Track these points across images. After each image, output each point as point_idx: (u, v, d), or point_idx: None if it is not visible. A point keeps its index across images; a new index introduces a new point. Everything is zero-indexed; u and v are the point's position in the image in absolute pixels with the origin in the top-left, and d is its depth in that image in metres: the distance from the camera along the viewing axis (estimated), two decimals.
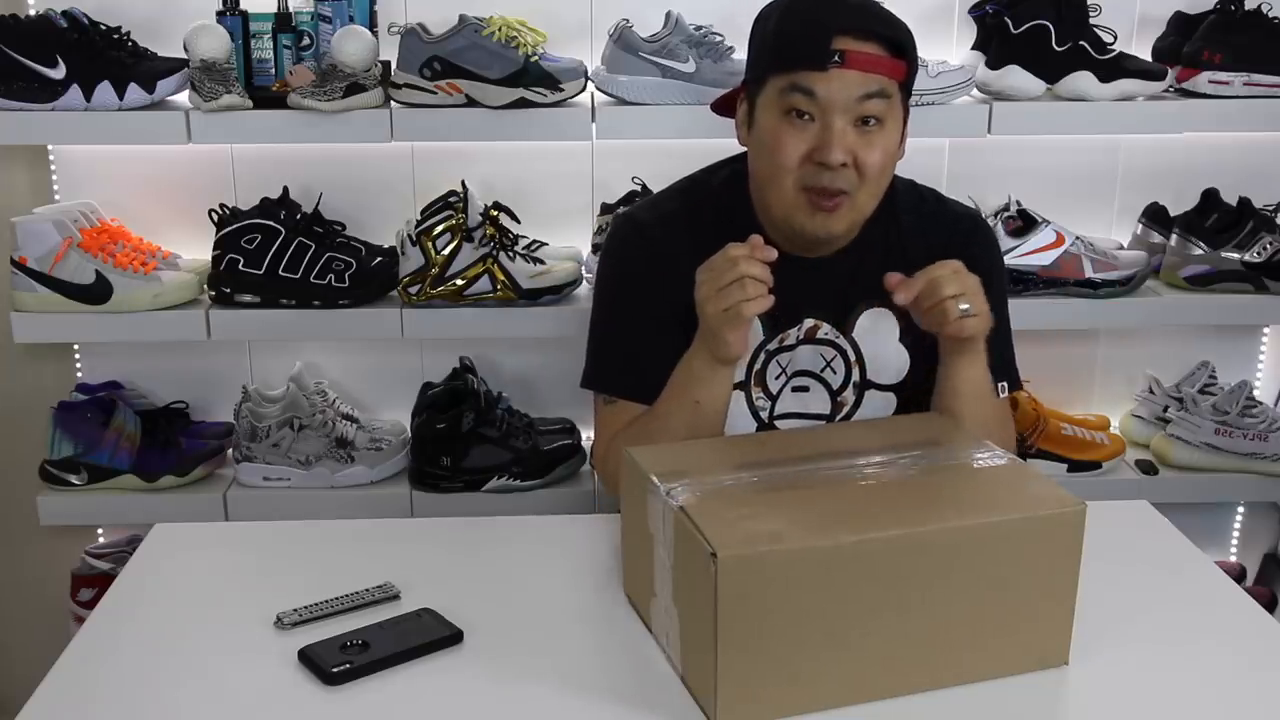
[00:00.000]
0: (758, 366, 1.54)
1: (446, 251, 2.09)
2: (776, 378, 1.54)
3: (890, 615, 1.11)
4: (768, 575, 1.07)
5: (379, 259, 2.17)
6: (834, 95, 1.38)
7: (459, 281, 2.10)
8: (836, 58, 1.37)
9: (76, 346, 2.33)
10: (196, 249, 2.23)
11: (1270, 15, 2.17)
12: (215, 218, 2.12)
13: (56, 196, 2.25)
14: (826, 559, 1.08)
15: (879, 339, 1.55)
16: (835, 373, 1.55)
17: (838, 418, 1.56)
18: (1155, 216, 2.30)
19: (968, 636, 1.14)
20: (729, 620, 1.06)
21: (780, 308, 1.42)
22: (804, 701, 1.11)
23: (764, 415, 1.56)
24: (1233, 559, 2.54)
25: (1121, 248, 2.30)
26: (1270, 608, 2.30)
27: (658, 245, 1.54)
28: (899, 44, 1.41)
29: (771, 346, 1.54)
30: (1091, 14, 2.12)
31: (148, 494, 2.18)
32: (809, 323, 1.54)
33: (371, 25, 2.13)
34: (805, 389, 1.55)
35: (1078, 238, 2.19)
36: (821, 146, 1.38)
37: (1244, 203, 2.24)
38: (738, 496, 1.16)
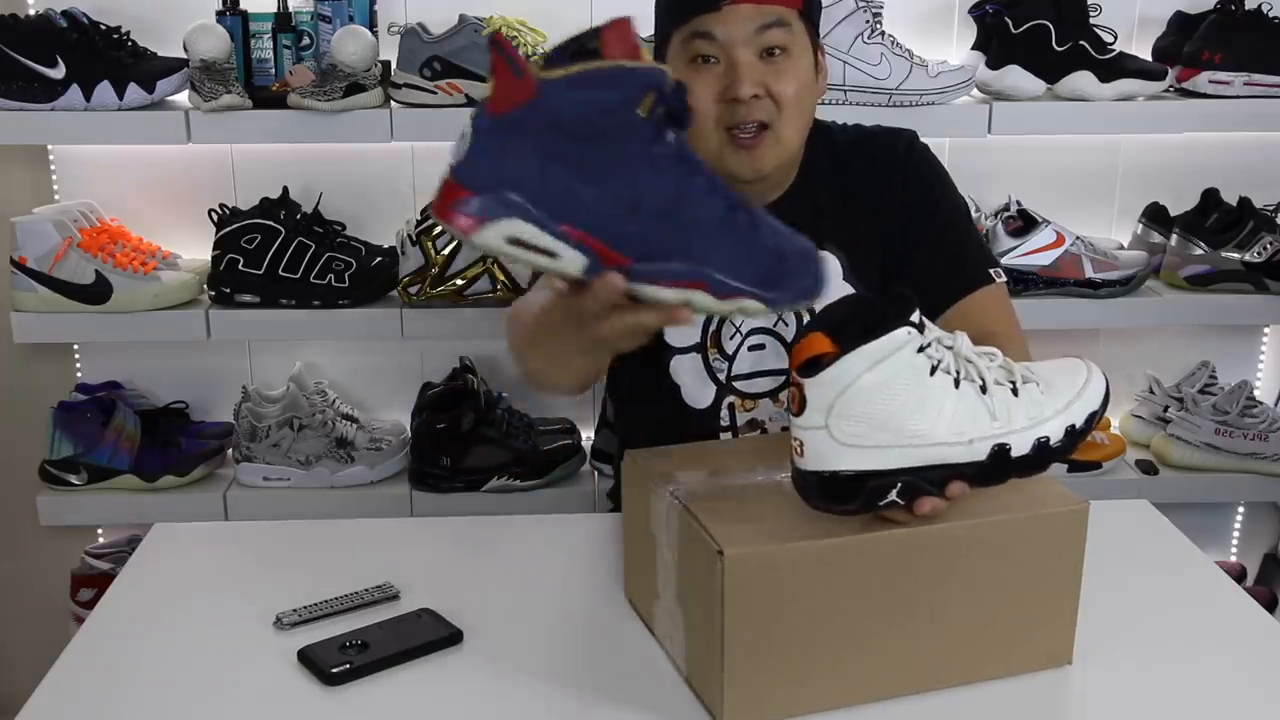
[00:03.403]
0: (713, 328, 1.53)
1: (446, 251, 2.08)
2: (731, 338, 1.53)
3: (896, 613, 1.11)
4: (774, 573, 1.06)
5: (379, 259, 2.17)
6: (732, 32, 1.39)
7: (459, 281, 2.10)
8: None
9: (76, 346, 2.33)
10: (196, 249, 2.23)
11: (1270, 15, 2.17)
12: (215, 218, 2.12)
13: (56, 196, 2.25)
14: (832, 556, 1.08)
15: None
16: (788, 325, 1.53)
17: None
18: (1155, 216, 2.30)
19: (973, 635, 1.14)
20: (735, 618, 1.06)
21: None
22: (810, 700, 1.11)
23: (721, 377, 1.54)
24: (1233, 559, 2.54)
25: (1121, 248, 2.30)
26: (1270, 608, 2.30)
27: None
28: None
29: None
30: (1091, 14, 2.13)
31: (148, 494, 2.18)
32: None
33: (371, 25, 2.13)
34: (761, 346, 1.54)
35: (1078, 238, 2.19)
36: (731, 83, 1.40)
37: (1244, 203, 2.24)
38: (743, 495, 1.16)
